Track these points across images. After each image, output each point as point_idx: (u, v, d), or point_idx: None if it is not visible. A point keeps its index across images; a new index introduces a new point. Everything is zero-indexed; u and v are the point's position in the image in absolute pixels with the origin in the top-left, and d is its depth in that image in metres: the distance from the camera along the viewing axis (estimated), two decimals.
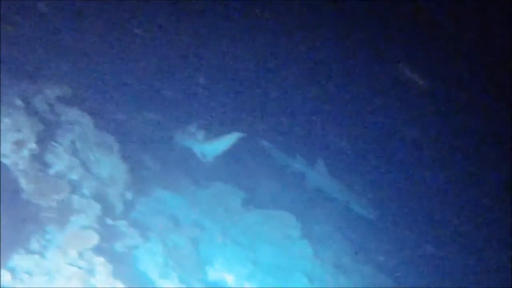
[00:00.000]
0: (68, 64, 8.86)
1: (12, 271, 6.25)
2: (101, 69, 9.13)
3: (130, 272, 7.22)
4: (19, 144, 7.18)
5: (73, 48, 9.06)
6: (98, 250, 6.83)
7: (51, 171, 7.50)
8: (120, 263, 7.10)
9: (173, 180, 8.95)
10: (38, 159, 7.40)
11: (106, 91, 9.00)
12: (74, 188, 7.50)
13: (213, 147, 8.81)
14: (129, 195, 8.09)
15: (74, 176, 7.63)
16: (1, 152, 6.97)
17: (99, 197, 7.63)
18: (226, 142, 8.76)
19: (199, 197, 9.03)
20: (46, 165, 7.50)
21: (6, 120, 7.20)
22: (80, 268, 6.56)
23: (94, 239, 6.88)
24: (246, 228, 9.02)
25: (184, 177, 9.16)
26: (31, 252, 6.57)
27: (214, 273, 8.39)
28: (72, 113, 8.26)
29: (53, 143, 7.76)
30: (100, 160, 8.08)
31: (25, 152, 7.21)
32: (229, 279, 8.42)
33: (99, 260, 6.72)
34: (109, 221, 7.51)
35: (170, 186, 8.78)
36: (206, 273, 8.31)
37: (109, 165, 8.11)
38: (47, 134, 7.70)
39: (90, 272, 6.59)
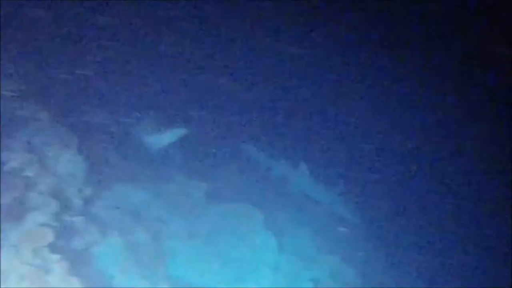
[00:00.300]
0: (24, 59, 8.79)
1: None
2: (57, 64, 9.07)
3: (88, 269, 7.24)
4: None
5: (27, 43, 9.00)
6: (54, 247, 6.86)
7: (6, 168, 7.48)
8: (78, 260, 7.12)
9: (134, 174, 8.95)
10: None
11: (63, 86, 8.95)
12: (30, 185, 7.48)
13: (159, 139, 8.99)
14: (88, 191, 8.08)
15: (30, 173, 7.60)
16: None
17: (56, 194, 7.62)
18: (172, 135, 8.97)
19: (162, 191, 9.04)
20: (0, 162, 7.46)
21: None
22: (34, 266, 6.56)
23: (49, 236, 6.88)
24: (210, 222, 9.06)
25: (146, 172, 9.15)
26: None
27: (177, 268, 8.42)
28: (28, 108, 8.22)
29: (8, 139, 7.73)
30: (57, 156, 8.05)
31: None
32: (193, 273, 8.46)
33: (55, 257, 6.73)
34: (66, 218, 7.51)
35: (131, 181, 8.79)
36: (169, 268, 8.33)
37: (67, 161, 8.09)
38: (1, 130, 7.66)
39: (45, 270, 6.59)
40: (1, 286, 6.23)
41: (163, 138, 9.11)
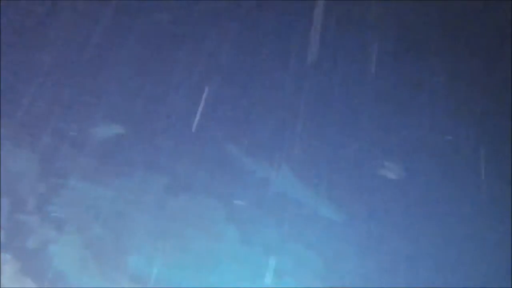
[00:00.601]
0: None
1: None
2: (14, 60, 8.95)
3: (42, 268, 7.15)
4: None
5: None
6: (5, 247, 6.74)
7: None
8: (31, 259, 7.03)
9: (92, 170, 8.84)
10: None
11: (17, 83, 8.81)
12: None
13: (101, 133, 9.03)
14: (42, 188, 7.97)
15: None
16: None
17: (8, 193, 7.50)
18: (104, 131, 9.04)
19: (120, 186, 8.93)
20: None
21: None
22: None
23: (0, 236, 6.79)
24: (170, 216, 8.98)
25: (103, 167, 9.03)
26: None
27: (138, 264, 8.34)
28: None
29: None
30: (9, 154, 7.92)
31: None
32: (154, 269, 8.39)
33: (6, 257, 6.63)
34: (20, 217, 7.41)
35: (87, 177, 8.67)
36: (129, 265, 8.25)
37: (20, 159, 7.97)
38: None
39: None
40: None
41: (102, 133, 9.12)
